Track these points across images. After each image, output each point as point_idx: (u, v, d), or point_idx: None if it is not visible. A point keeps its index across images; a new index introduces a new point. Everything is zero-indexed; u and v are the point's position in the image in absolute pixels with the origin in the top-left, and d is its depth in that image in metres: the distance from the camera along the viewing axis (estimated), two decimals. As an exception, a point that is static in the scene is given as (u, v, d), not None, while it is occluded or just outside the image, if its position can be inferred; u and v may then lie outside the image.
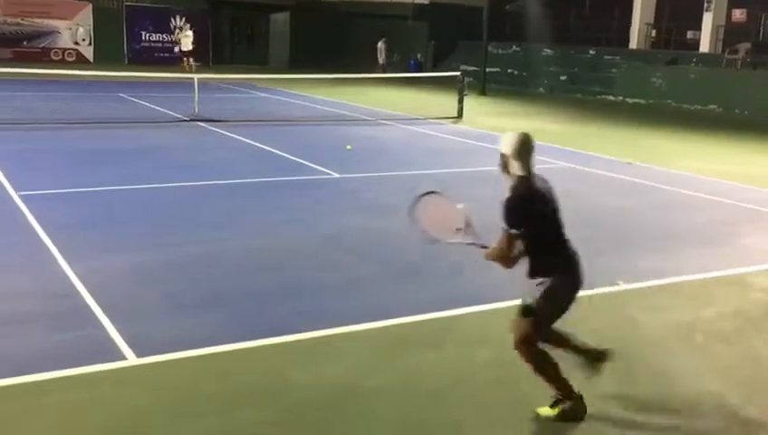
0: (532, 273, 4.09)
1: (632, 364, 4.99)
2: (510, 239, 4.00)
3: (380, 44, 32.60)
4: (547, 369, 4.17)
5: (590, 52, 30.04)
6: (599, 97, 27.52)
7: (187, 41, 29.69)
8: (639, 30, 29.91)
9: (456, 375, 4.76)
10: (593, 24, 32.04)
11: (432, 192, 4.49)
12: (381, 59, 32.30)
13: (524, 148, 4.02)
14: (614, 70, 28.17)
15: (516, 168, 4.04)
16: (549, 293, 4.05)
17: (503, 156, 4.06)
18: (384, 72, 29.90)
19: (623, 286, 6.57)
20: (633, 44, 30.05)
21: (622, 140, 17.08)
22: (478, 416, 4.29)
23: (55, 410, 4.12)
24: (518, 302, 6.05)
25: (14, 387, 4.34)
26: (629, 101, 26.45)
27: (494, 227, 4.12)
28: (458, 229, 4.30)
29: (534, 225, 4.02)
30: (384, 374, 4.74)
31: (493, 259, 4.13)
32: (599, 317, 5.85)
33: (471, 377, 4.76)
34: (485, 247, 4.17)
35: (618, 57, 28.91)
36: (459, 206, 4.31)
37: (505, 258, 4.07)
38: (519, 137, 4.04)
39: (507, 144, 4.04)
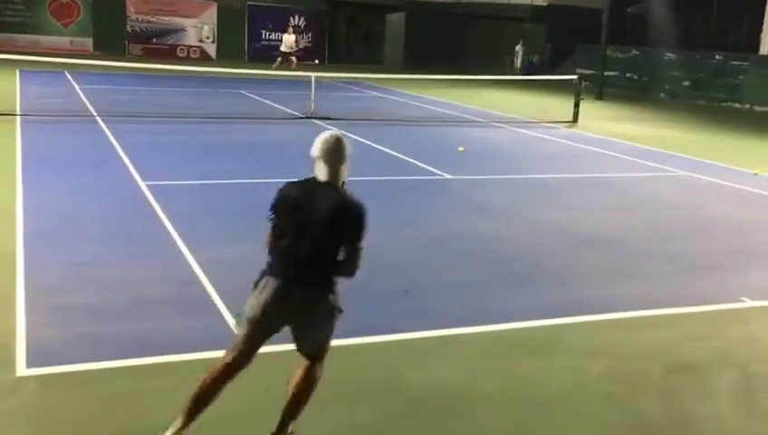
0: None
1: (756, 385, 4.76)
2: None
3: (518, 47, 32.15)
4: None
5: (717, 57, 28.74)
6: (724, 104, 26.31)
7: (289, 41, 30.08)
8: (771, 35, 28.40)
9: (567, 386, 4.68)
10: (720, 27, 30.65)
11: None
12: (518, 61, 31.79)
13: (327, 151, 3.84)
14: (741, 76, 26.86)
15: (316, 169, 3.83)
16: (252, 289, 3.77)
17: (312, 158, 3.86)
18: (520, 74, 29.52)
19: (748, 303, 6.27)
20: (764, 50, 28.53)
21: (748, 149, 16.27)
22: (585, 430, 4.20)
23: (187, 391, 4.32)
24: (629, 314, 5.94)
25: (154, 366, 4.62)
26: (758, 109, 25.12)
27: (604, 233, 4.02)
28: None
29: (279, 221, 3.82)
30: (495, 379, 4.72)
31: None
32: (722, 334, 5.62)
33: (582, 389, 4.67)
34: None
35: (746, 63, 27.54)
36: None
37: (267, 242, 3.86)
38: (325, 138, 3.86)
39: (315, 146, 3.87)
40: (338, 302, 3.88)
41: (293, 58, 29.03)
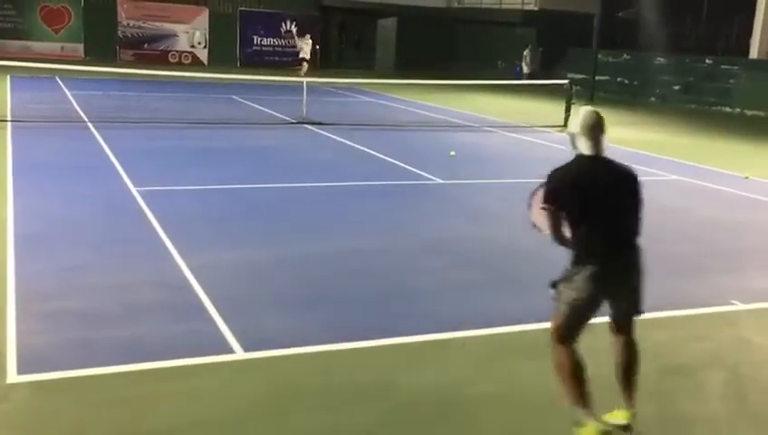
0: (572, 259, 3.97)
1: (746, 387, 4.78)
2: (549, 214, 3.94)
3: (526, 52, 32.15)
4: (564, 378, 4.00)
5: (707, 61, 28.88)
6: (714, 108, 26.43)
7: (307, 48, 30.31)
8: (761, 39, 28.52)
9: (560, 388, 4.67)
10: (710, 31, 30.81)
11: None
12: (526, 66, 31.73)
13: (592, 126, 3.90)
14: (732, 80, 27.00)
15: (584, 146, 3.92)
16: (566, 285, 3.93)
17: (571, 135, 3.98)
18: (529, 79, 29.48)
19: (739, 306, 6.29)
20: (754, 54, 28.69)
21: (739, 153, 16.35)
22: (582, 431, 4.20)
23: (179, 397, 4.33)
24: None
25: (144, 372, 4.59)
26: (748, 113, 25.26)
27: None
28: None
29: (573, 207, 3.89)
30: (490, 383, 4.72)
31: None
32: (713, 336, 5.64)
33: (575, 391, 4.66)
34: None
35: (736, 67, 27.68)
36: None
37: (554, 235, 3.99)
38: (587, 115, 3.94)
39: (575, 122, 3.96)
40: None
41: (305, 64, 29.20)
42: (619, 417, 4.09)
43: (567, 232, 3.95)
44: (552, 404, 4.46)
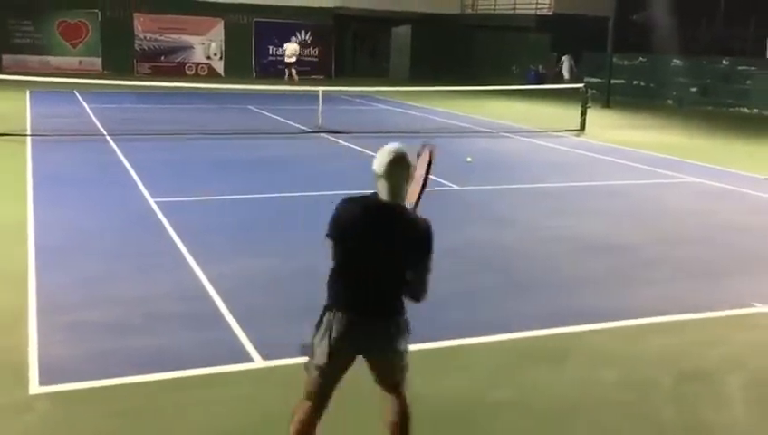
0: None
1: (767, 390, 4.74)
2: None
3: (564, 58, 31.90)
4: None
5: (724, 62, 28.68)
6: (732, 110, 26.23)
7: (291, 51, 30.41)
8: (778, 39, 28.33)
9: (579, 395, 4.67)
10: (726, 32, 30.60)
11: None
12: (567, 74, 31.48)
13: (390, 170, 3.53)
14: (749, 81, 26.79)
15: (381, 189, 3.56)
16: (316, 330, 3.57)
17: (374, 174, 3.58)
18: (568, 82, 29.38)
19: (759, 309, 6.24)
20: (771, 54, 28.50)
21: (757, 154, 16.21)
22: (602, 437, 4.19)
23: (200, 406, 4.36)
24: (640, 320, 5.92)
25: (165, 382, 4.63)
26: (766, 113, 25.04)
27: (617, 244, 4.02)
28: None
29: (337, 243, 3.61)
30: (506, 389, 4.71)
31: None
32: (733, 340, 5.59)
33: (594, 398, 4.65)
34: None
35: (753, 68, 27.46)
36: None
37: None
38: (389, 155, 3.54)
39: (376, 161, 3.57)
40: (407, 322, 3.68)
41: (293, 71, 29.34)
42: None
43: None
44: (571, 410, 4.44)
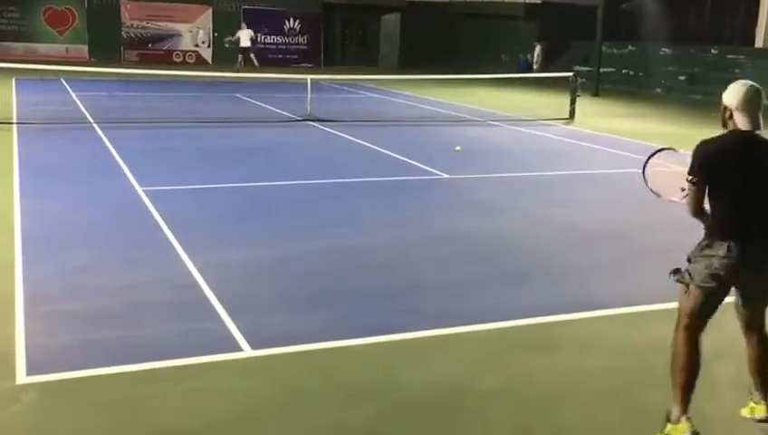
0: (706, 235, 3.82)
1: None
2: (691, 187, 3.76)
3: (537, 48, 31.84)
4: (676, 367, 3.86)
5: (712, 51, 28.75)
6: (720, 98, 26.31)
7: (244, 37, 30.27)
8: (767, 27, 28.39)
9: (568, 382, 4.67)
10: (715, 21, 30.66)
11: (668, 148, 4.46)
12: (537, 63, 31.40)
13: (753, 99, 3.73)
14: (737, 70, 26.85)
15: (740, 122, 3.74)
16: (699, 263, 3.78)
17: (725, 108, 3.81)
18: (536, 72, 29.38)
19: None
20: (759, 43, 28.56)
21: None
22: (588, 425, 4.19)
23: (188, 396, 4.34)
24: (631, 309, 5.94)
25: (153, 372, 4.59)
26: (754, 102, 25.15)
27: (609, 233, 4.01)
28: (683, 189, 4.04)
29: (717, 183, 3.73)
30: (495, 377, 4.71)
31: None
32: (723, 327, 5.59)
33: (583, 384, 4.66)
34: None
35: (742, 56, 27.55)
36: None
37: (693, 209, 3.83)
38: (747, 87, 3.77)
39: (731, 94, 3.79)
40: None
41: (252, 56, 29.24)
42: (756, 411, 4.06)
43: (706, 206, 3.83)
44: (560, 397, 4.45)
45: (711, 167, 3.74)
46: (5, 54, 29.07)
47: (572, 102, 18.51)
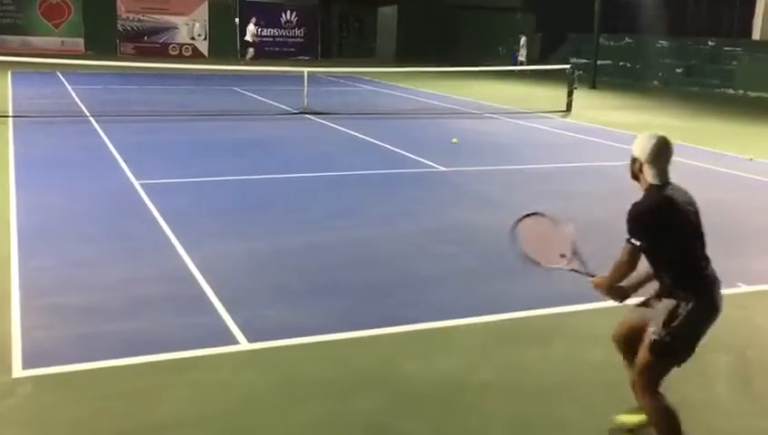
0: (663, 294, 3.67)
1: (753, 371, 4.76)
2: (631, 252, 3.55)
3: (522, 41, 31.77)
4: (668, 426, 3.69)
5: (709, 43, 28.73)
6: (717, 90, 26.33)
7: (250, 32, 30.79)
8: (764, 20, 28.36)
9: (565, 375, 4.68)
10: (712, 13, 30.63)
11: (536, 213, 4.21)
12: (522, 55, 31.30)
13: (661, 153, 3.64)
14: (734, 62, 26.87)
15: (650, 175, 3.64)
16: (677, 320, 3.60)
17: (634, 160, 3.69)
18: (523, 65, 29.29)
19: (744, 288, 6.27)
20: (756, 35, 28.53)
21: (742, 135, 16.28)
22: (585, 418, 4.20)
23: (185, 389, 4.34)
24: (628, 301, 5.93)
25: (149, 365, 4.59)
26: (751, 94, 25.15)
27: (604, 224, 4.01)
28: (562, 256, 3.98)
29: (666, 240, 3.58)
30: (494, 369, 4.72)
31: (602, 288, 3.78)
32: (719, 319, 5.61)
33: (579, 377, 4.67)
34: (593, 276, 3.83)
35: (739, 49, 27.54)
36: (567, 229, 4.01)
37: (620, 273, 3.66)
38: (656, 140, 3.65)
39: (640, 147, 3.66)
40: None
41: (251, 50, 29.57)
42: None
43: (643, 268, 3.70)
44: (557, 389, 4.45)
45: (658, 222, 3.59)
46: (1, 48, 28.97)
47: (569, 95, 18.49)
